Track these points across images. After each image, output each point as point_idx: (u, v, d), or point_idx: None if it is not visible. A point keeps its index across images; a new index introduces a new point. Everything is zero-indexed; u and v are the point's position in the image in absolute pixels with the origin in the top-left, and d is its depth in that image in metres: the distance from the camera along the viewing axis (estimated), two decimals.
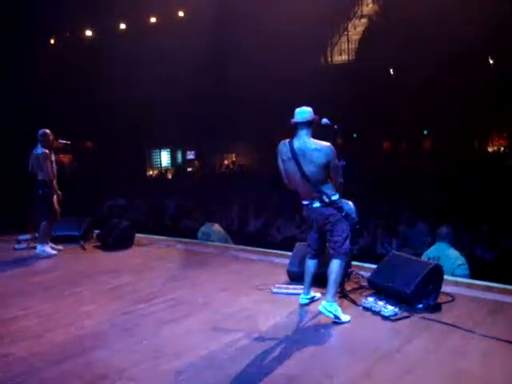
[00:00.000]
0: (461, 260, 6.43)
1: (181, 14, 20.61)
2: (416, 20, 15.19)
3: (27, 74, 13.08)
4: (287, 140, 5.11)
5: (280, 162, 5.21)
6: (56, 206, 8.49)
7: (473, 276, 6.36)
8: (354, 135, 21.39)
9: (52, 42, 18.94)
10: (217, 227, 9.04)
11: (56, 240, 9.35)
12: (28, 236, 9.48)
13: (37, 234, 9.12)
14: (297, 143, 5.03)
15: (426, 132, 21.89)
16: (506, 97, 15.68)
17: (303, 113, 5.08)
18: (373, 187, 12.37)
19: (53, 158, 8.46)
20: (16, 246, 9.18)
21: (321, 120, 5.22)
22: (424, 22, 14.79)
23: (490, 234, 8.62)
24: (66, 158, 19.05)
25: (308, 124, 5.05)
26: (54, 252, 8.54)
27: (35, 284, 6.88)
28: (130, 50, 18.20)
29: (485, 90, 15.99)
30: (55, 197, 8.46)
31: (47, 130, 8.45)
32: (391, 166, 17.17)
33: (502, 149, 20.79)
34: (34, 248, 8.74)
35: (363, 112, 17.51)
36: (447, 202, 10.40)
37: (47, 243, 8.58)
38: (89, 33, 19.78)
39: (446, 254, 6.42)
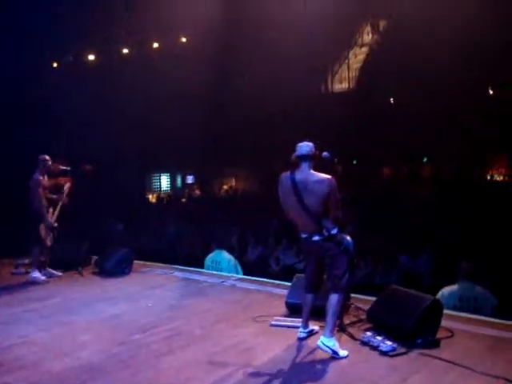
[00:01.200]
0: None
1: (183, 39, 20.80)
2: (412, 50, 15.35)
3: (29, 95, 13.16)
4: (289, 172, 5.15)
5: (281, 193, 5.23)
6: (43, 233, 8.40)
7: None
8: (354, 162, 21.46)
9: (55, 65, 19.05)
10: (227, 254, 9.00)
11: (53, 265, 9.34)
12: (26, 260, 9.42)
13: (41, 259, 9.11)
14: (298, 175, 5.07)
15: (425, 159, 21.96)
16: (505, 124, 15.72)
17: (305, 147, 5.14)
18: (372, 215, 12.35)
19: (46, 183, 8.46)
20: (13, 271, 9.14)
21: (321, 153, 5.25)
22: (420, 53, 14.95)
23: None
24: (64, 182, 19.03)
25: (309, 158, 5.10)
26: (43, 278, 8.43)
27: (32, 311, 6.83)
28: (131, 73, 18.33)
29: (484, 119, 16.07)
30: (43, 225, 8.39)
31: (46, 156, 8.46)
32: (391, 193, 17.16)
33: (502, 177, 20.81)
34: (27, 273, 8.74)
35: (363, 139, 17.57)
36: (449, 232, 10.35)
37: (37, 269, 8.49)
38: (91, 57, 19.91)
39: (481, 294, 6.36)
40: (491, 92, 17.37)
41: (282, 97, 17.23)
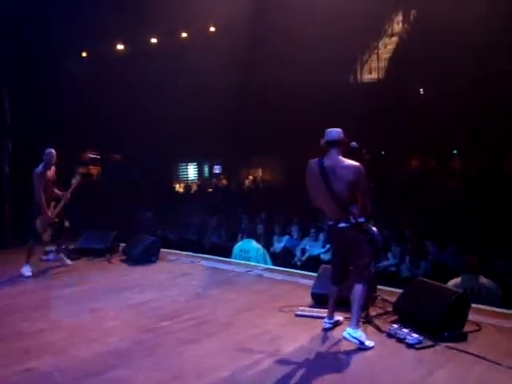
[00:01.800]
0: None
1: (212, 28, 20.76)
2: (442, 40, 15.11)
3: (57, 87, 13.28)
4: (317, 158, 5.12)
5: (309, 179, 5.22)
6: (39, 227, 8.26)
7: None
8: (383, 152, 21.26)
9: (84, 54, 19.18)
10: (255, 244, 9.04)
11: (82, 253, 9.47)
12: (55, 247, 9.57)
13: (63, 246, 9.23)
14: (327, 161, 5.05)
15: (455, 151, 21.65)
16: None
17: (334, 133, 5.12)
18: (401, 206, 12.23)
19: (51, 176, 8.32)
20: (43, 258, 9.28)
21: (349, 143, 5.22)
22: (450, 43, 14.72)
23: None
24: (94, 170, 19.29)
25: (338, 144, 5.08)
26: (29, 274, 8.15)
27: (61, 297, 6.95)
28: (159, 63, 18.38)
29: None
30: (40, 219, 8.24)
31: (52, 150, 8.32)
32: (419, 185, 16.97)
33: None
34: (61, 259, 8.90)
35: (392, 129, 17.39)
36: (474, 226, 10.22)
37: (28, 263, 8.26)
38: (120, 46, 19.99)
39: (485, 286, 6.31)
40: None
41: (310, 87, 17.11)
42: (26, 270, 8.18)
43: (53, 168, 8.36)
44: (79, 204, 12.04)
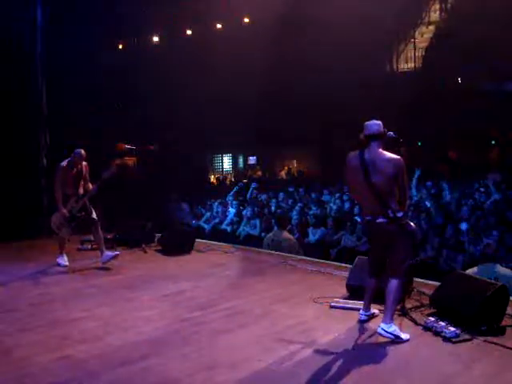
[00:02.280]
0: None
1: (246, 20, 20.73)
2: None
3: (93, 79, 13.42)
4: (357, 151, 5.06)
5: (348, 172, 5.17)
6: (56, 222, 8.17)
7: None
8: (419, 143, 20.96)
9: (120, 46, 19.35)
10: (287, 235, 8.99)
11: (118, 242, 9.56)
12: (92, 237, 9.68)
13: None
14: (367, 154, 4.98)
15: (493, 142, 21.23)
16: None
17: (374, 126, 5.04)
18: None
19: (74, 173, 8.10)
20: (80, 247, 9.42)
21: (387, 133, 5.14)
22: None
23: None
24: (130, 161, 19.47)
25: (378, 137, 5.00)
26: (65, 263, 8.23)
27: (96, 286, 7.03)
28: (196, 53, 18.44)
29: None
30: (57, 214, 8.14)
31: (81, 151, 8.09)
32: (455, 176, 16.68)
33: None
34: (97, 249, 8.98)
35: (428, 120, 17.14)
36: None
37: (61, 253, 8.33)
38: (155, 38, 20.12)
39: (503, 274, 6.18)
40: None
41: (344, 76, 16.96)
42: (62, 260, 8.27)
43: (84, 164, 8.19)
44: (116, 194, 12.21)
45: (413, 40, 19.05)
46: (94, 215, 8.31)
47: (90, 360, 4.60)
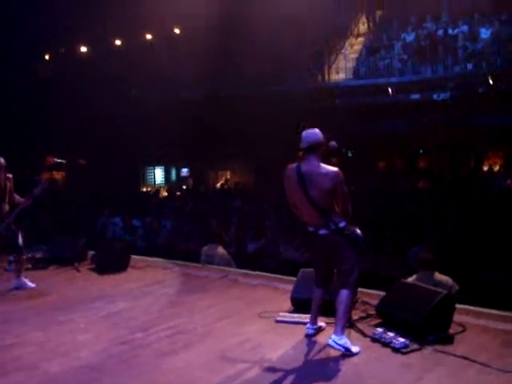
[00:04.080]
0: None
1: (176, 31, 20.54)
2: None
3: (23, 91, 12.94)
4: (294, 164, 4.94)
5: (287, 186, 5.03)
6: None
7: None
8: (349, 154, 21.27)
9: (47, 57, 18.79)
10: (220, 250, 8.77)
11: (49, 261, 9.12)
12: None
13: (30, 255, 8.89)
14: (304, 167, 4.86)
15: (421, 151, 21.80)
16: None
17: (310, 136, 4.90)
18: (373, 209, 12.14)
19: None
20: (7, 268, 8.89)
21: (328, 143, 5.04)
22: None
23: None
24: (58, 176, 18.80)
25: (315, 148, 4.87)
26: None
27: (27, 309, 6.59)
28: (124, 65, 18.12)
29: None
30: None
31: (2, 159, 7.42)
32: (389, 186, 17.02)
33: (498, 167, 20.61)
34: (27, 269, 8.51)
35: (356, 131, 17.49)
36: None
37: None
38: (84, 48, 19.63)
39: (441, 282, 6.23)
40: None
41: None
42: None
43: (9, 176, 7.52)
44: (44, 211, 11.72)
45: (343, 51, 19.34)
46: (20, 241, 7.67)
47: None
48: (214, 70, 17.66)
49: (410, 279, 6.33)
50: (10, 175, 7.61)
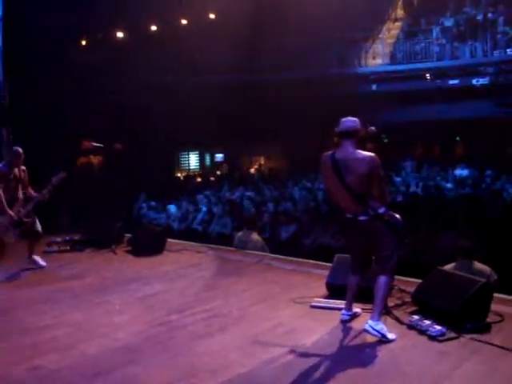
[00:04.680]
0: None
1: (212, 16, 20.48)
2: None
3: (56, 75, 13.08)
4: (330, 152, 4.90)
5: (323, 173, 5.02)
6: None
7: None
8: (385, 140, 21.06)
9: (83, 43, 18.92)
10: (255, 236, 8.75)
11: (86, 244, 9.27)
12: (59, 239, 9.37)
13: (68, 238, 9.05)
14: (339, 154, 4.82)
15: (458, 137, 21.49)
16: None
17: (347, 123, 4.87)
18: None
19: (13, 175, 7.53)
20: (46, 249, 9.06)
21: (367, 128, 4.98)
22: None
23: None
24: (95, 160, 19.06)
25: (351, 134, 4.82)
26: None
27: (65, 290, 6.71)
28: (160, 51, 18.16)
29: None
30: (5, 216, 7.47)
31: (19, 149, 7.64)
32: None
33: None
34: (66, 251, 8.67)
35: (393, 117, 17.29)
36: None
37: None
38: (120, 34, 19.71)
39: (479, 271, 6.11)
40: None
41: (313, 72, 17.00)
42: None
43: (22, 167, 7.68)
44: (82, 194, 11.88)
45: (380, 36, 19.07)
46: (39, 227, 7.87)
47: (62, 370, 4.35)
48: (249, 54, 17.59)
49: (448, 267, 6.22)
50: (24, 167, 7.75)
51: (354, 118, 4.93)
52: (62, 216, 10.95)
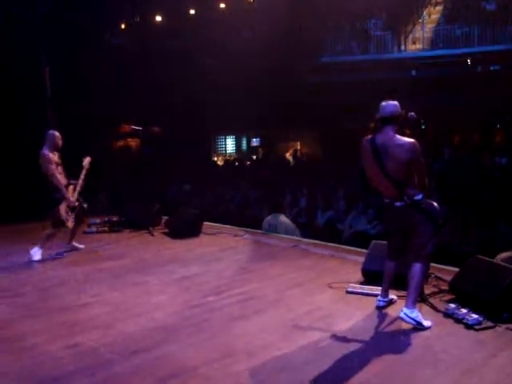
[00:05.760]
0: None
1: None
2: None
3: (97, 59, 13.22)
4: (370, 136, 4.87)
5: (363, 158, 4.98)
6: (63, 214, 7.54)
7: None
8: (423, 126, 20.75)
9: (123, 26, 19.04)
10: (283, 218, 8.79)
11: (124, 225, 9.43)
12: (98, 220, 9.55)
13: (106, 219, 9.21)
14: (380, 139, 4.78)
15: (498, 126, 21.03)
16: None
17: (389, 107, 4.81)
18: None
19: (56, 160, 7.50)
20: (86, 230, 9.24)
21: (407, 114, 4.94)
22: None
23: None
24: (133, 142, 19.25)
25: (392, 120, 4.78)
26: (39, 258, 7.42)
27: (104, 270, 6.88)
28: (198, 34, 18.18)
29: None
30: (63, 205, 7.55)
31: (56, 133, 7.60)
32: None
33: None
34: (104, 232, 8.85)
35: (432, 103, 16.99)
36: None
37: (40, 248, 7.50)
38: (158, 18, 19.77)
39: None
40: None
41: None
42: (36, 253, 7.44)
43: (56, 152, 7.59)
44: (121, 176, 12.05)
45: (420, 21, 18.74)
46: (85, 205, 7.93)
47: (101, 348, 4.45)
48: (288, 39, 17.46)
49: (505, 255, 6.05)
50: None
51: (395, 102, 4.87)
52: (101, 198, 11.14)
